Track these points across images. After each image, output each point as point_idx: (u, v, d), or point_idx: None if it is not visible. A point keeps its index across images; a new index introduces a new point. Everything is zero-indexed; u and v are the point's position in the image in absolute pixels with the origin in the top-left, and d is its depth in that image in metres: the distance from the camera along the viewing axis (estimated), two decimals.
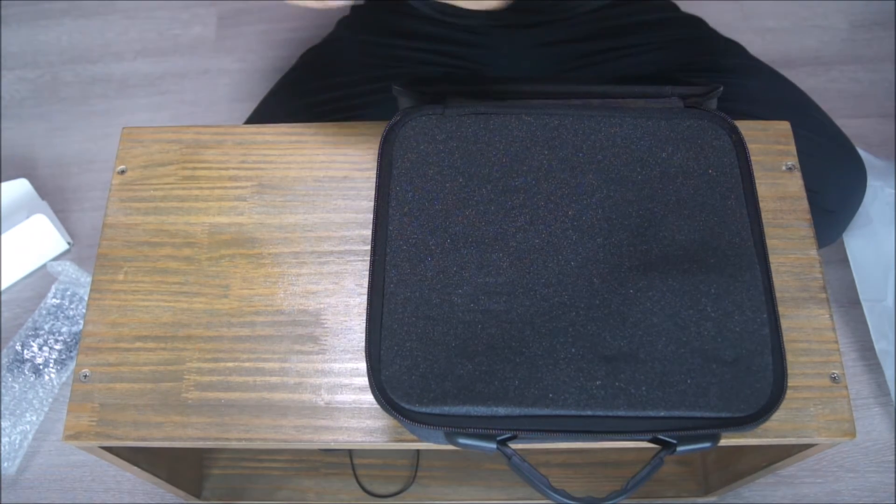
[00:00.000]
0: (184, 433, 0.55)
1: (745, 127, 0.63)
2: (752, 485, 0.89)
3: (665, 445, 0.48)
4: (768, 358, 0.49)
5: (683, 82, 0.79)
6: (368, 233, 0.61)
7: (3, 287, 1.04)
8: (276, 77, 0.95)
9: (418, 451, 0.87)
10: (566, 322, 0.51)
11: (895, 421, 0.92)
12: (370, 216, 0.62)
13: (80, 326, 0.98)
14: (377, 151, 0.61)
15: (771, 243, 0.59)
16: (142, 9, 1.29)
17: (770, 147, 0.64)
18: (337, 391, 0.56)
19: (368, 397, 0.56)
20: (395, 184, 0.55)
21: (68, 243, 1.07)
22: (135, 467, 0.66)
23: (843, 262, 1.00)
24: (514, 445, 0.49)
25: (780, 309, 0.57)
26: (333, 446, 0.56)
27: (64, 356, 0.97)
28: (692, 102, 0.58)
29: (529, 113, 0.58)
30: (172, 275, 0.60)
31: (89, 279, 1.01)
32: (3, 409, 0.93)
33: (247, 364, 0.57)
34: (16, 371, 0.95)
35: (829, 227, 0.84)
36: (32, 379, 0.95)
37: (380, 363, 0.50)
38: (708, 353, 0.49)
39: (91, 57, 1.25)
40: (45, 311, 0.99)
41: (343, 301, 0.59)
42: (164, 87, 1.21)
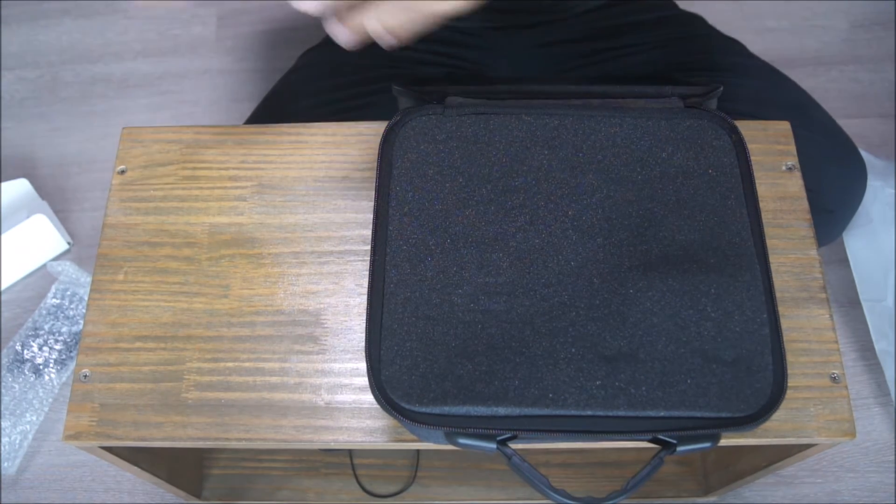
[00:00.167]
0: (184, 433, 0.55)
1: (745, 127, 0.63)
2: (752, 485, 0.89)
3: (665, 445, 0.48)
4: (768, 358, 0.49)
5: (683, 82, 0.79)
6: (368, 233, 0.61)
7: (3, 287, 1.04)
8: (276, 77, 0.95)
9: (418, 451, 0.87)
10: (566, 322, 0.50)
11: (895, 421, 0.92)
12: (370, 216, 0.62)
13: (80, 326, 0.98)
14: (377, 151, 0.61)
15: (771, 243, 0.59)
16: (142, 8, 1.29)
17: (770, 147, 0.64)
18: (337, 391, 0.56)
19: (368, 397, 0.56)
20: (395, 184, 0.55)
21: (68, 243, 1.07)
22: (135, 467, 0.66)
23: (843, 261, 1.00)
24: (514, 445, 0.49)
25: (780, 309, 0.57)
26: (333, 446, 0.56)
27: (64, 356, 0.97)
28: (692, 102, 0.58)
29: (529, 113, 0.58)
30: (172, 275, 0.60)
31: (89, 279, 1.01)
32: (3, 409, 0.93)
33: (247, 364, 0.57)
34: (16, 371, 0.95)
35: (829, 227, 0.84)
36: (32, 379, 0.95)
37: (380, 363, 0.50)
38: (708, 353, 0.49)
39: (91, 57, 1.25)
40: (45, 311, 0.99)
41: (343, 301, 0.59)
42: (164, 87, 1.21)
